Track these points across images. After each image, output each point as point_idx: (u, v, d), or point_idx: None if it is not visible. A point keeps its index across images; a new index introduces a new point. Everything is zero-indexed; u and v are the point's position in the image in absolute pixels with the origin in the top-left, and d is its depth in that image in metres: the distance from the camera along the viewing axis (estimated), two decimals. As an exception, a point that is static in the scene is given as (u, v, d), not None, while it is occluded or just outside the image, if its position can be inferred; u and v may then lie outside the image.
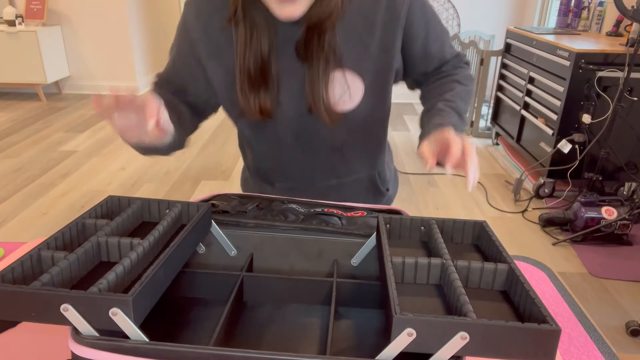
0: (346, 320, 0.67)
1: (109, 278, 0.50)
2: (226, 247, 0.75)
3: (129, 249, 0.59)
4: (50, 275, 0.50)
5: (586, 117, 2.57)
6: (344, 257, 0.75)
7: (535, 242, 2.40)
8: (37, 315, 0.47)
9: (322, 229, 0.75)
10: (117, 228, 0.63)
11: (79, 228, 0.63)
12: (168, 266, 0.56)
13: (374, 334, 0.64)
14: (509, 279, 0.57)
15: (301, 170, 0.97)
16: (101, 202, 0.70)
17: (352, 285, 0.69)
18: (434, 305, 0.55)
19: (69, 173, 3.11)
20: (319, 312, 0.69)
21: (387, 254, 0.57)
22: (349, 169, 0.98)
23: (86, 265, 0.57)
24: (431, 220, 0.69)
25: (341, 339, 0.63)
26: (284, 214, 0.79)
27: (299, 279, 0.69)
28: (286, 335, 0.63)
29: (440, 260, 0.58)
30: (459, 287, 0.52)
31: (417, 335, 0.45)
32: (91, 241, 0.58)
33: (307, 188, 0.99)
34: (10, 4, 4.61)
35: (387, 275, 0.52)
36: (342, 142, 0.93)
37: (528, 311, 0.51)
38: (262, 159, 1.00)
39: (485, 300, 0.56)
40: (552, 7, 4.32)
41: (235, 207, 0.80)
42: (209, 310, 0.68)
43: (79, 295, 0.46)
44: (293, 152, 0.94)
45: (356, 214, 0.83)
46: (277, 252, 0.75)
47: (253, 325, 0.65)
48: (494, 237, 0.64)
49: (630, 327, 1.77)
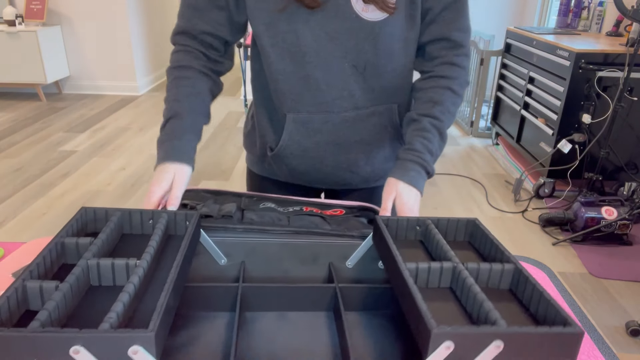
0: (356, 326, 0.66)
1: (117, 310, 0.45)
2: (216, 255, 0.72)
3: (125, 271, 0.55)
4: (47, 312, 0.45)
5: (586, 117, 2.57)
6: (339, 260, 0.73)
7: (535, 242, 2.40)
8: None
9: (315, 231, 0.73)
10: (102, 247, 0.58)
11: (58, 250, 0.58)
12: (177, 289, 0.52)
13: (384, 338, 0.64)
14: (515, 278, 0.58)
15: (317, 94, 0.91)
16: (75, 216, 0.64)
17: (354, 289, 0.68)
18: (452, 310, 0.55)
19: (69, 173, 3.11)
20: (323, 319, 0.67)
21: (399, 260, 0.57)
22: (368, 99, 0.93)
23: (79, 294, 0.52)
24: (427, 219, 0.69)
25: (358, 345, 0.62)
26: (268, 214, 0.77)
27: (299, 287, 0.67)
28: (293, 347, 0.61)
29: (451, 263, 0.58)
30: (478, 292, 0.52)
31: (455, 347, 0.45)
32: (80, 265, 0.53)
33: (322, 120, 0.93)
34: (10, 4, 4.61)
35: (409, 286, 0.51)
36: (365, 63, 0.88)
37: (542, 312, 0.51)
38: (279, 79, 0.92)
39: (495, 301, 0.55)
40: (552, 7, 4.32)
41: (215, 209, 0.77)
42: (207, 326, 0.64)
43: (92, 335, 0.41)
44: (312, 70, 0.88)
45: (335, 212, 0.82)
46: (270, 258, 0.73)
47: (256, 339, 0.62)
48: (489, 234, 0.64)
49: (630, 327, 1.77)
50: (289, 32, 0.85)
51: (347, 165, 0.99)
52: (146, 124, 4.09)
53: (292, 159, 0.99)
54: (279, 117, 0.96)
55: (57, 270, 0.58)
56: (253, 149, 1.08)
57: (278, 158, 0.99)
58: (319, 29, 0.84)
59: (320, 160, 0.98)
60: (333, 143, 0.96)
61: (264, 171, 1.09)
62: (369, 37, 0.85)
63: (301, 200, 0.87)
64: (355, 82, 0.90)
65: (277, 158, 1.00)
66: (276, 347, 0.61)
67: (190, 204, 0.80)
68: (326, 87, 0.90)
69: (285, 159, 0.99)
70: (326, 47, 0.86)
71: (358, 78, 0.90)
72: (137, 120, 4.21)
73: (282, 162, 1.00)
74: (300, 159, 0.98)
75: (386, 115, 0.96)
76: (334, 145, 0.96)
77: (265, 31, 0.87)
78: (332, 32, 0.85)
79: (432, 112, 0.87)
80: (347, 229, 0.75)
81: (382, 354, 0.60)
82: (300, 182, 1.07)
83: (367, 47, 0.87)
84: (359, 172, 1.01)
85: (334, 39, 0.85)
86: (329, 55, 0.87)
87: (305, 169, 1.00)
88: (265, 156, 1.04)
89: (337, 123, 0.93)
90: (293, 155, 0.98)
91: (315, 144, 0.96)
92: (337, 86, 0.90)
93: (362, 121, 0.94)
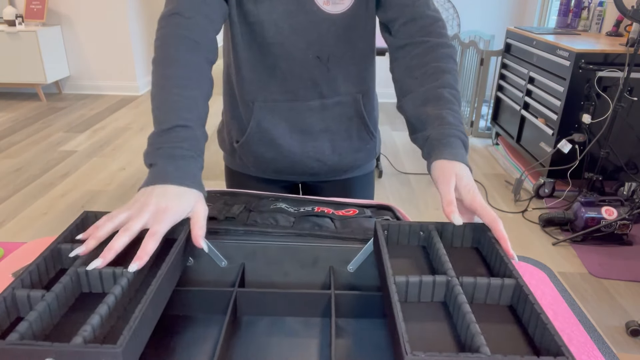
0: (347, 334, 0.65)
1: (93, 323, 0.46)
2: (216, 258, 0.72)
3: (112, 279, 0.55)
4: (28, 323, 0.46)
5: (586, 117, 2.57)
6: (340, 264, 0.72)
7: (535, 242, 2.40)
8: None
9: (316, 234, 0.72)
10: (96, 253, 0.58)
11: (54, 256, 0.58)
12: (156, 300, 0.52)
13: (376, 347, 0.63)
14: (515, 294, 0.56)
15: (283, 83, 0.93)
16: (76, 220, 0.64)
17: (350, 297, 0.67)
18: (441, 329, 0.53)
19: (69, 173, 3.11)
20: (318, 325, 0.66)
21: (389, 273, 0.55)
22: (332, 88, 0.96)
23: (66, 301, 0.53)
24: (430, 225, 0.67)
25: (344, 355, 0.61)
26: (274, 216, 0.77)
27: (294, 293, 0.66)
28: (286, 352, 0.61)
29: (445, 277, 0.56)
30: (467, 312, 0.50)
31: None
32: (69, 274, 0.53)
33: (288, 108, 0.96)
34: (10, 4, 4.61)
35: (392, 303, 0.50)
36: (328, 54, 0.92)
37: (539, 336, 0.49)
38: (247, 68, 0.94)
39: (492, 320, 0.54)
40: (552, 7, 4.32)
41: (222, 211, 0.77)
42: (202, 330, 0.64)
43: (62, 349, 0.42)
44: (277, 60, 0.91)
45: (348, 212, 0.81)
46: (270, 261, 0.72)
47: (250, 344, 0.62)
48: (495, 243, 0.62)
49: (630, 327, 1.77)
50: (256, 23, 0.88)
51: (314, 154, 1.02)
52: (146, 124, 4.09)
53: (258, 146, 1.01)
54: (246, 107, 0.98)
55: (54, 275, 0.58)
56: (223, 144, 1.11)
57: (246, 146, 1.01)
58: (282, 22, 0.88)
59: (288, 147, 1.00)
60: (299, 130, 0.98)
61: (237, 166, 1.11)
62: (331, 29, 0.89)
63: (315, 199, 0.86)
64: (319, 72, 0.93)
65: (245, 147, 1.02)
66: (268, 351, 0.61)
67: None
68: (291, 76, 0.93)
69: (252, 147, 1.01)
70: (290, 39, 0.89)
71: (322, 68, 0.93)
72: (137, 120, 4.21)
73: (249, 150, 1.02)
74: (267, 147, 1.00)
75: (351, 105, 0.99)
76: (300, 133, 0.99)
77: (237, 22, 0.90)
78: (295, 24, 0.88)
79: (448, 81, 0.82)
80: (351, 232, 0.74)
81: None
82: (270, 175, 1.09)
83: (330, 39, 0.90)
84: (326, 162, 1.03)
85: (297, 31, 0.88)
86: (293, 47, 0.90)
87: (272, 156, 1.02)
88: (234, 149, 1.06)
89: (303, 111, 0.97)
90: (261, 142, 1.00)
91: (281, 132, 0.98)
92: (302, 76, 0.93)
93: (328, 110, 0.98)
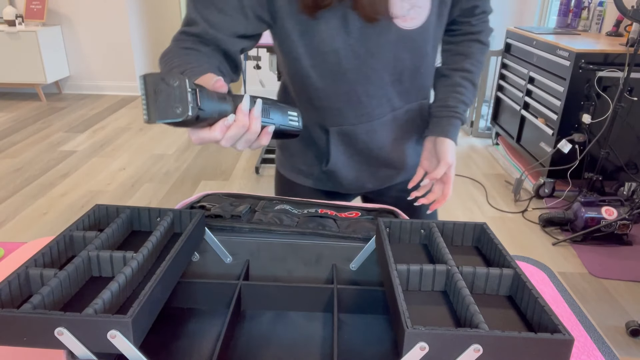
0: (349, 328, 0.66)
1: (104, 297, 0.48)
2: (221, 254, 0.74)
3: (122, 263, 0.57)
4: (41, 296, 0.48)
5: (586, 117, 2.57)
6: (343, 262, 0.73)
7: (535, 242, 2.40)
8: (29, 340, 0.44)
9: (320, 232, 0.74)
10: (107, 240, 0.61)
11: (66, 241, 0.61)
12: (165, 281, 0.54)
13: (378, 342, 0.64)
14: (514, 284, 0.57)
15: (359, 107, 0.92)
16: (88, 211, 0.67)
17: (353, 291, 0.68)
18: (441, 313, 0.54)
19: (69, 173, 3.11)
20: (321, 319, 0.68)
21: (391, 261, 0.56)
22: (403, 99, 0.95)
23: (77, 282, 0.55)
24: (431, 223, 0.68)
25: (346, 349, 0.62)
26: (279, 217, 0.78)
27: (298, 287, 0.67)
28: (288, 346, 0.62)
29: (445, 266, 0.57)
30: (467, 295, 0.51)
31: (430, 349, 0.44)
32: (81, 256, 0.56)
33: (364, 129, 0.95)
34: (10, 4, 4.61)
35: (394, 286, 0.51)
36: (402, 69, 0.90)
37: (537, 318, 0.50)
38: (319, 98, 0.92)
39: (491, 307, 0.55)
40: (552, 7, 4.32)
41: (228, 210, 0.78)
42: (206, 322, 0.66)
43: (74, 318, 0.43)
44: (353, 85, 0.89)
45: (350, 214, 0.82)
46: (274, 258, 0.74)
47: (253, 337, 0.64)
48: (495, 239, 0.64)
49: (630, 327, 1.77)
50: (330, 52, 0.85)
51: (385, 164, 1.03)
52: (146, 124, 4.08)
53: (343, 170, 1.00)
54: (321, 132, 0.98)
55: (64, 261, 0.60)
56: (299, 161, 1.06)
57: (331, 172, 1.01)
58: (359, 46, 0.85)
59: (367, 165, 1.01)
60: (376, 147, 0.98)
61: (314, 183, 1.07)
62: (407, 45, 0.87)
63: (318, 202, 0.87)
64: (392, 89, 0.92)
65: (329, 172, 1.01)
66: (271, 345, 0.62)
67: (207, 205, 0.80)
68: (366, 98, 0.91)
69: (338, 172, 1.01)
70: (367, 62, 0.87)
71: (395, 84, 0.92)
72: (137, 120, 4.21)
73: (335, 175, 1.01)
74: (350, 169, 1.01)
75: (417, 110, 0.99)
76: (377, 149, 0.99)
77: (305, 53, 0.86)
78: (372, 47, 0.85)
79: (463, 65, 0.94)
80: (353, 231, 0.75)
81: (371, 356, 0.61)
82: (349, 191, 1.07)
83: (405, 56, 0.88)
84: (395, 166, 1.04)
85: (375, 54, 0.86)
86: (369, 70, 0.88)
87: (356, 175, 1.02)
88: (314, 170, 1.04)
89: (378, 129, 0.96)
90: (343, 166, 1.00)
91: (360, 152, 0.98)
92: (377, 95, 0.91)
93: (397, 120, 0.97)
